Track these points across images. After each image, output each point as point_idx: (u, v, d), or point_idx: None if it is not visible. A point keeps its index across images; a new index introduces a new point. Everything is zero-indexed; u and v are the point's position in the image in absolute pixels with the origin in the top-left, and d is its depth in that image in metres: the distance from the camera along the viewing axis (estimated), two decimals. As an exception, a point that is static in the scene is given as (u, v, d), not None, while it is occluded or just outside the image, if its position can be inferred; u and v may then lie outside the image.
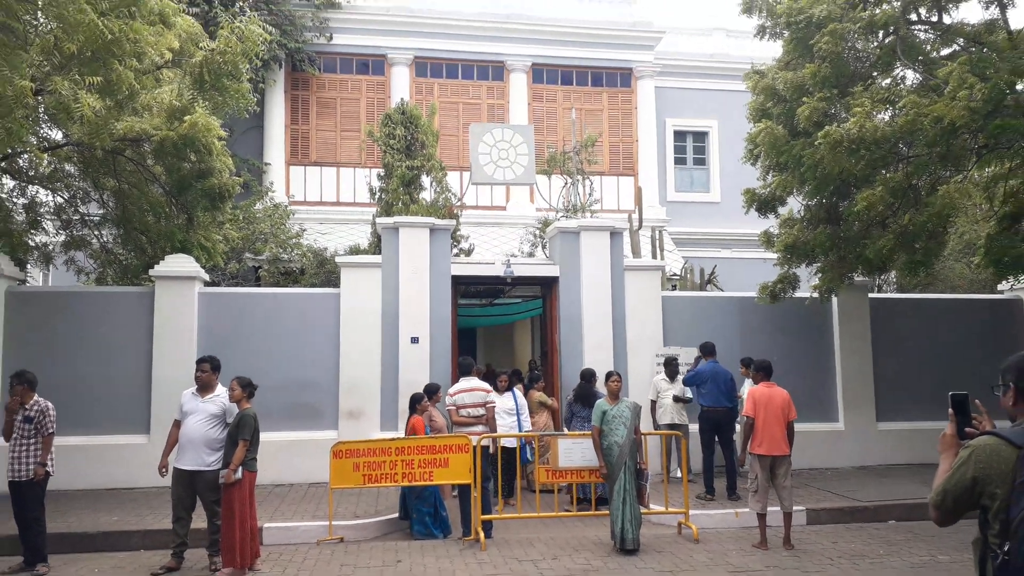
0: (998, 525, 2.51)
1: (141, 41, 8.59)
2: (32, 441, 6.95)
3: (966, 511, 2.64)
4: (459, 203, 13.95)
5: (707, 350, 10.47)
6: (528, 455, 9.29)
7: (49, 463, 6.99)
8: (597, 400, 9.22)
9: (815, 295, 11.36)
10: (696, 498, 9.50)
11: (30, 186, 11.69)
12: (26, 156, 10.55)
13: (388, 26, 18.47)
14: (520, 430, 9.37)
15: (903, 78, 10.62)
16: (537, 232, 14.32)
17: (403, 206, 12.43)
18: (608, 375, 8.09)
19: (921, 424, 11.97)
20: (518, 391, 9.83)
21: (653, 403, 10.60)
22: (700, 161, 20.81)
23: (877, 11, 9.53)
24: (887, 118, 9.29)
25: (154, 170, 10.93)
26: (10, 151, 9.61)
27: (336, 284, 11.69)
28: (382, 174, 13.39)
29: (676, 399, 10.44)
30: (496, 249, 15.28)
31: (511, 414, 9.44)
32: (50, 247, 12.27)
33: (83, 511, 8.79)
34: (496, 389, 9.33)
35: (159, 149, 10.10)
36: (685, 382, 10.46)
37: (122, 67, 8.42)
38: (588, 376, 9.60)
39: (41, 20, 8.31)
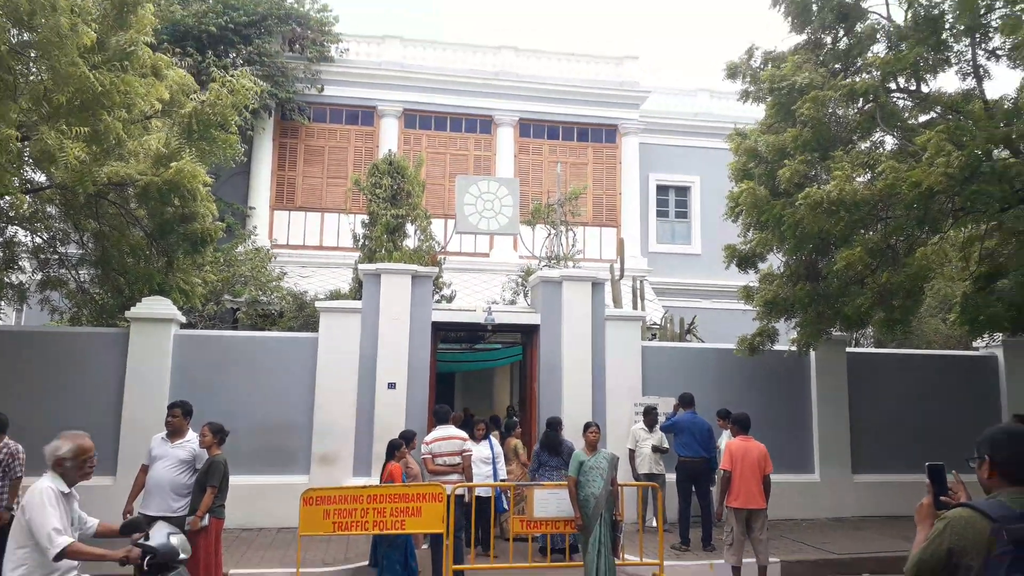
0: None
1: (131, 93, 8.62)
2: (1, 484, 6.77)
3: None
4: (442, 250, 13.97)
5: (686, 401, 10.43)
6: (504, 504, 9.11)
7: (15, 507, 6.79)
8: (565, 447, 9.16)
9: (793, 348, 11.40)
10: (671, 548, 9.34)
11: (9, 226, 11.59)
12: (7, 198, 10.49)
13: (379, 79, 18.74)
14: (496, 479, 9.22)
15: (882, 142, 10.84)
16: (519, 280, 14.33)
17: (386, 253, 12.42)
18: (586, 426, 7.99)
19: (896, 476, 11.93)
20: (494, 439, 9.69)
21: (632, 452, 10.49)
22: (682, 214, 21.05)
23: (857, 79, 9.77)
24: (866, 181, 9.42)
25: (137, 213, 10.88)
26: (-9, 193, 9.56)
27: (315, 328, 11.58)
28: (366, 221, 13.41)
29: (655, 449, 10.35)
30: (478, 296, 15.26)
31: (487, 463, 9.29)
32: (25, 286, 12.12)
33: (44, 556, 8.48)
34: (472, 437, 9.19)
35: (143, 193, 10.07)
36: (663, 428, 10.40)
37: (111, 118, 8.44)
38: (554, 424, 9.45)
39: (32, 70, 8.34)
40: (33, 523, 3.97)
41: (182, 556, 4.43)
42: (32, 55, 8.27)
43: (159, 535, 4.40)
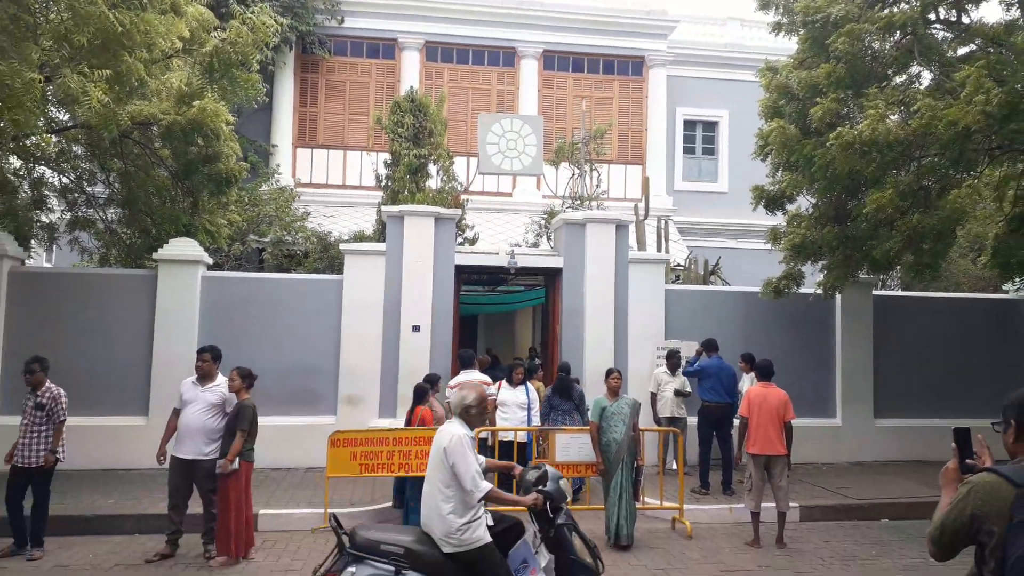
0: (994, 563, 2.50)
1: (151, 32, 8.51)
2: (44, 428, 6.98)
3: (963, 547, 2.63)
4: (465, 190, 13.85)
5: (710, 346, 10.39)
6: (534, 451, 9.00)
7: (60, 450, 7.05)
8: (576, 392, 9.24)
9: (819, 292, 11.27)
10: (691, 492, 9.46)
11: (36, 166, 11.65)
12: (33, 138, 10.51)
13: (400, 10, 18.29)
14: (530, 424, 9.12)
15: (919, 76, 10.44)
16: (542, 222, 14.22)
17: (409, 194, 12.34)
18: (608, 372, 8.01)
19: (919, 421, 11.93)
20: (531, 385, 9.53)
21: (653, 395, 10.54)
22: (709, 151, 20.64)
23: (896, 11, 9.34)
24: (900, 119, 9.11)
25: (161, 153, 10.88)
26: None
27: (340, 269, 11.64)
28: (389, 160, 13.29)
29: (677, 393, 10.39)
30: (501, 237, 15.19)
31: (523, 408, 9.11)
32: (55, 226, 12.25)
33: (81, 492, 8.81)
34: (510, 382, 9.18)
35: (167, 133, 10.04)
36: (687, 374, 10.38)
37: (131, 58, 8.35)
38: (566, 369, 9.58)
39: (52, 12, 8.21)
40: (457, 467, 4.37)
41: (568, 498, 4.86)
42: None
43: (552, 482, 4.77)
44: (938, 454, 11.56)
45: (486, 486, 4.37)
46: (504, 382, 9.14)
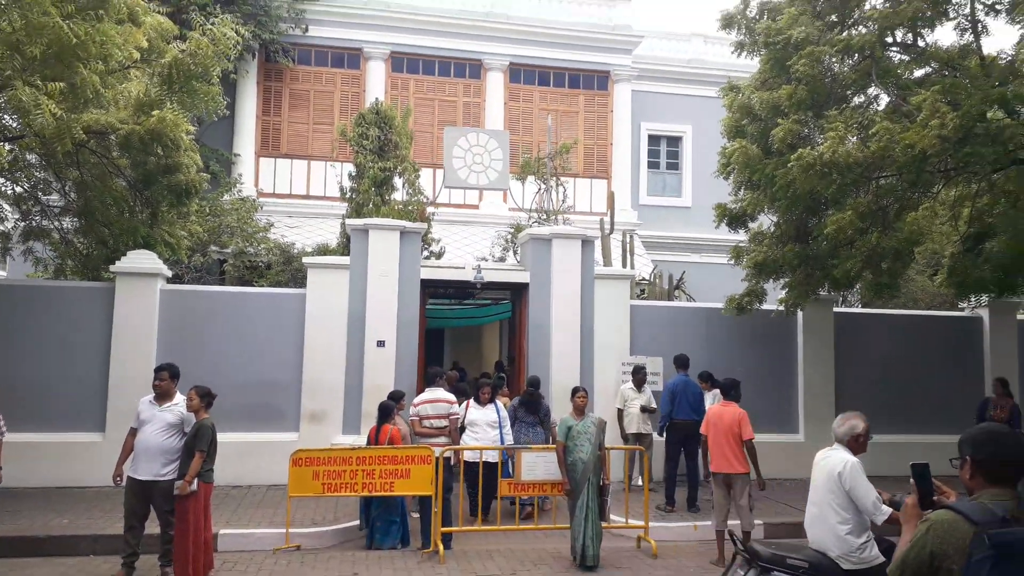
0: None
1: (108, 43, 8.33)
2: None
3: None
4: (431, 203, 13.80)
5: (680, 362, 10.48)
6: (510, 469, 8.69)
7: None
8: (543, 408, 9.30)
9: (781, 308, 11.44)
10: (656, 508, 9.51)
11: (-12, 175, 11.34)
12: (-15, 146, 10.23)
13: (365, 20, 18.22)
14: (503, 443, 9.01)
15: (877, 97, 10.69)
16: (509, 236, 14.24)
17: (374, 207, 12.27)
18: (574, 391, 8.01)
19: (880, 437, 11.79)
20: (500, 403, 9.44)
21: (620, 411, 10.60)
22: (673, 165, 20.87)
23: (854, 33, 9.58)
24: (859, 142, 9.32)
25: (119, 163, 10.67)
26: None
27: (303, 281, 11.53)
28: (353, 173, 13.21)
29: (643, 409, 10.46)
30: (468, 251, 15.18)
31: (494, 427, 8.99)
32: (9, 235, 11.94)
33: (34, 511, 8.57)
34: (478, 401, 9.06)
35: (125, 143, 9.84)
36: (663, 403, 10.37)
37: (87, 70, 8.17)
38: (534, 383, 9.64)
39: (3, 20, 8.00)
40: (856, 493, 4.68)
41: None
42: (2, 3, 7.93)
43: None
44: (899, 470, 11.66)
45: (887, 510, 4.61)
46: (472, 401, 9.06)
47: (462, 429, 8.84)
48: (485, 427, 8.84)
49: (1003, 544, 2.42)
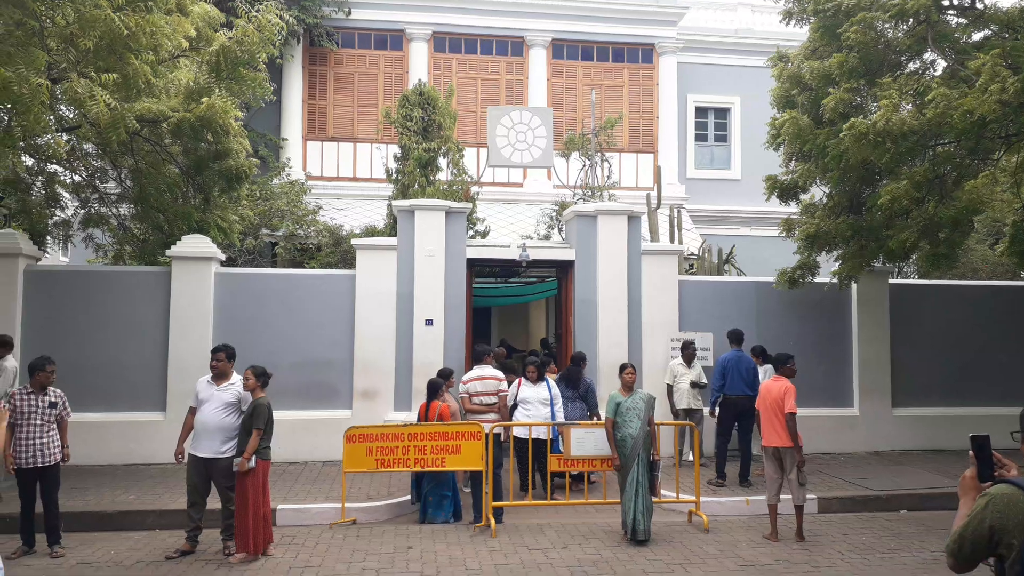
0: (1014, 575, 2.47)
1: (157, 33, 8.54)
2: (55, 425, 7.04)
3: (983, 559, 2.59)
4: (475, 184, 13.83)
5: (734, 337, 10.38)
6: (560, 445, 8.64)
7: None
8: (583, 383, 9.39)
9: (834, 281, 11.23)
10: (707, 483, 9.48)
11: (48, 164, 11.73)
12: (46, 137, 10.60)
13: (407, 1, 18.24)
14: (554, 420, 8.96)
15: (933, 63, 10.35)
16: (554, 213, 14.21)
17: (419, 188, 12.36)
18: (622, 367, 8.00)
19: (937, 410, 11.93)
20: (551, 379, 9.36)
21: (670, 387, 10.56)
22: (721, 138, 20.53)
23: (908, -3, 9.26)
24: (914, 109, 9.04)
25: (171, 150, 10.94)
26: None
27: (352, 263, 11.70)
28: (398, 154, 13.31)
29: (693, 384, 10.40)
30: (512, 230, 15.20)
31: (546, 404, 8.93)
32: (69, 223, 12.36)
33: (101, 488, 8.93)
34: (527, 378, 9.02)
35: (176, 130, 10.10)
36: (714, 378, 10.29)
37: (138, 61, 8.38)
38: (577, 360, 9.73)
39: (58, 15, 8.23)
40: None
41: None
42: (56, -1, 8.18)
43: None
44: (957, 443, 11.59)
45: None
46: (523, 379, 9.09)
47: (514, 406, 8.90)
48: (537, 404, 8.83)
49: None
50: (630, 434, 7.51)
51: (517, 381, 9.12)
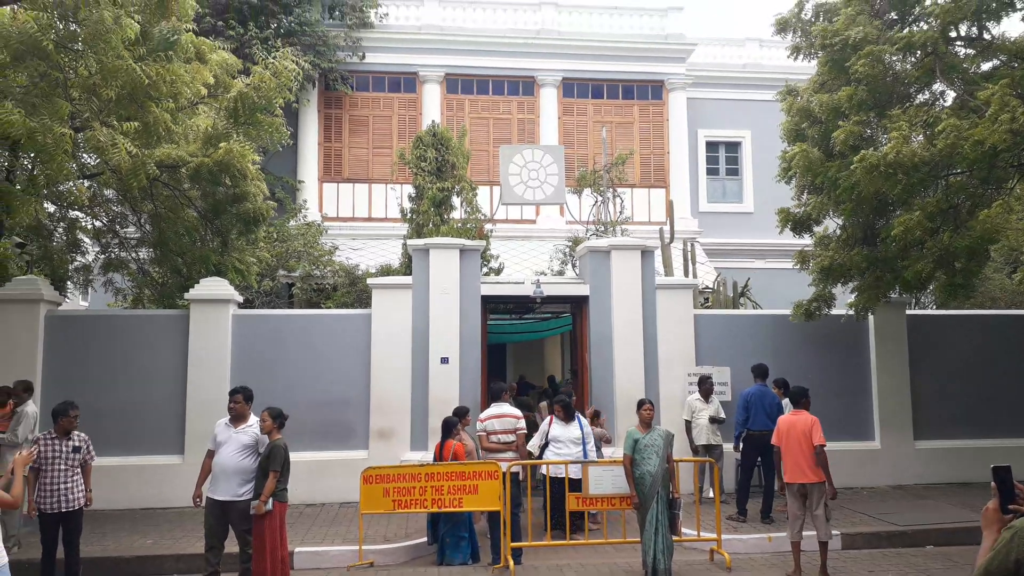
0: None
1: (177, 82, 8.74)
2: (79, 469, 7.03)
3: None
4: (488, 219, 13.92)
5: (759, 372, 10.28)
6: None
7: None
8: (581, 419, 9.19)
9: (851, 313, 11.14)
10: (727, 519, 9.33)
11: (70, 210, 11.93)
12: (68, 183, 10.79)
13: (419, 44, 18.59)
14: (586, 459, 8.69)
15: (942, 94, 10.36)
16: (567, 249, 14.24)
17: (434, 227, 12.46)
18: (640, 403, 7.89)
19: (960, 442, 11.73)
20: (583, 419, 9.23)
21: (688, 423, 10.45)
22: (733, 171, 20.58)
23: (915, 29, 9.32)
24: (925, 140, 9.03)
25: (190, 195, 11.10)
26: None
27: (368, 302, 11.74)
28: (413, 194, 13.43)
29: (712, 420, 10.29)
30: (526, 266, 15.24)
31: (577, 443, 8.82)
32: (90, 268, 12.51)
33: (119, 532, 8.91)
34: (557, 417, 8.90)
35: (195, 175, 10.25)
36: (738, 412, 10.20)
37: (158, 109, 8.56)
38: (567, 395, 9.88)
39: (81, 66, 8.44)
40: None
41: None
42: (78, 49, 8.38)
43: None
44: (981, 476, 11.34)
45: None
46: (555, 418, 9.00)
47: (545, 445, 8.81)
48: (569, 444, 8.72)
49: None
50: (649, 471, 7.40)
51: (548, 419, 9.03)
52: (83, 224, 12.40)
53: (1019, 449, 11.19)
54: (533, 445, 8.98)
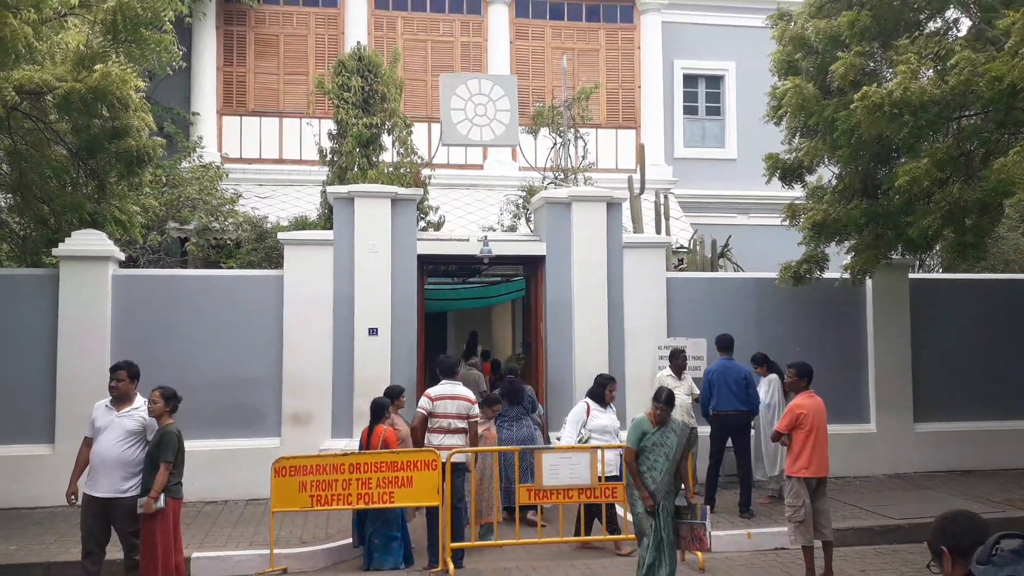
0: None
1: (41, -13, 8.39)
2: None
3: None
4: (427, 164, 13.84)
5: (723, 344, 10.47)
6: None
7: None
8: (527, 395, 9.70)
9: (846, 276, 11.41)
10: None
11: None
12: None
13: (341, -53, 18.17)
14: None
15: (956, 22, 10.57)
16: (520, 200, 14.26)
17: (360, 171, 12.36)
18: (657, 393, 7.26)
19: (965, 425, 12.20)
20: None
21: (659, 404, 10.61)
22: (714, 111, 20.75)
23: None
24: (936, 76, 9.21)
25: (58, 128, 10.75)
26: None
27: (279, 261, 11.63)
28: (334, 131, 13.26)
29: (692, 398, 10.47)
30: (472, 220, 15.24)
31: (616, 435, 8.85)
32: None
33: (-24, 538, 8.75)
34: (596, 403, 8.91)
35: (64, 103, 9.89)
36: (702, 392, 10.41)
37: (17, 20, 8.21)
38: (513, 372, 10.29)
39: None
40: None
41: None
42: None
43: None
44: (987, 462, 11.87)
45: None
46: (592, 402, 8.94)
47: (586, 439, 8.74)
48: (614, 435, 8.80)
49: None
50: (652, 478, 6.99)
51: (585, 407, 8.93)
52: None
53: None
54: (568, 439, 8.81)
